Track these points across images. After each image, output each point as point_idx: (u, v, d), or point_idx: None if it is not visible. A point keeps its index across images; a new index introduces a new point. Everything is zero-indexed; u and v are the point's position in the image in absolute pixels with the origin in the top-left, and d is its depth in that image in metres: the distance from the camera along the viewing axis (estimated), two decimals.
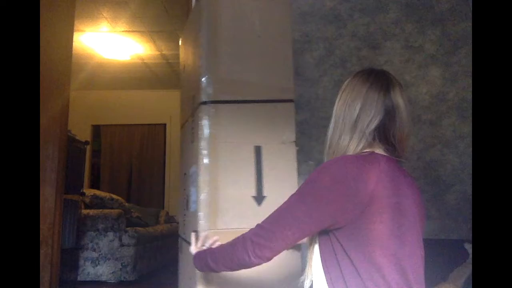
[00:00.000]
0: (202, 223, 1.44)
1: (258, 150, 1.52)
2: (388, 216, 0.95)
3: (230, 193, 1.48)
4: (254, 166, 1.51)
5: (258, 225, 1.05)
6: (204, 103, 1.50)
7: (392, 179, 0.98)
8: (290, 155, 1.56)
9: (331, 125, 1.11)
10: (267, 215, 1.28)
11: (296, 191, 1.01)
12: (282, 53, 1.63)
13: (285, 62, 1.63)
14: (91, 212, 3.55)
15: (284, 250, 1.02)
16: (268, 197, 1.50)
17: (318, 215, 0.95)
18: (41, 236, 2.26)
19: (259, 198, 1.49)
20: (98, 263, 3.44)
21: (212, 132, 1.49)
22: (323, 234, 1.00)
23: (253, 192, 1.49)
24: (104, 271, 3.44)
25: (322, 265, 1.00)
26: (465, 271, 1.63)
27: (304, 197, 0.98)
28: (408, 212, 0.98)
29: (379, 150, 1.05)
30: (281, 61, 1.62)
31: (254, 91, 1.57)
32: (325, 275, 0.99)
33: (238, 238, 1.08)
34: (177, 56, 3.24)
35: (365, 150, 1.05)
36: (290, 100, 1.60)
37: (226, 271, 1.14)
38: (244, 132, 1.54)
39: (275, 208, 1.27)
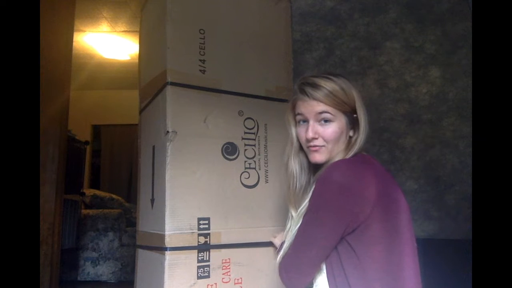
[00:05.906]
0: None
1: (153, 150, 1.44)
2: (390, 214, 0.96)
3: (143, 197, 1.54)
4: (151, 168, 1.43)
5: (286, 255, 1.05)
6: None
7: (386, 178, 1.01)
8: (171, 150, 1.28)
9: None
10: (155, 219, 1.28)
11: (308, 209, 1.00)
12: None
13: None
14: (91, 212, 3.55)
15: (314, 272, 1.01)
16: (156, 199, 1.37)
17: (332, 226, 0.94)
18: (41, 236, 2.26)
19: (152, 201, 1.40)
20: (98, 263, 3.44)
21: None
22: None
23: (150, 195, 1.43)
24: (104, 271, 3.44)
25: (326, 267, 1.00)
26: None
27: (314, 213, 0.97)
28: (403, 208, 1.00)
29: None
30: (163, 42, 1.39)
31: (149, 91, 1.52)
32: (328, 277, 0.99)
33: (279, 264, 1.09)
34: None
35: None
36: (175, 84, 1.31)
37: None
38: (148, 133, 1.54)
39: (161, 211, 1.28)
